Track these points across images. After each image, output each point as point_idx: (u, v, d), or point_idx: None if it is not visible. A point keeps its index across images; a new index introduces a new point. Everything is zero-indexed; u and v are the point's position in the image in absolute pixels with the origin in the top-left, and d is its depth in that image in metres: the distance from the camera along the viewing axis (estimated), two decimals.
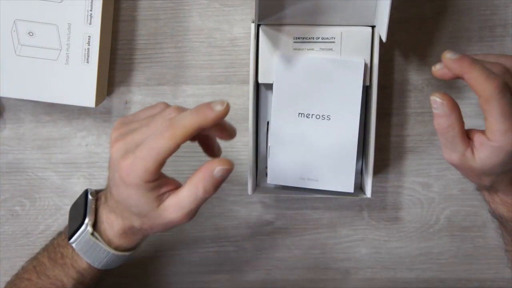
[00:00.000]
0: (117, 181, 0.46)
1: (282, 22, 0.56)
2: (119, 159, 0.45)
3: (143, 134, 0.46)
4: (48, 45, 0.56)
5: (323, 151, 0.56)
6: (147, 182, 0.45)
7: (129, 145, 0.46)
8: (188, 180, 0.47)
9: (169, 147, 0.44)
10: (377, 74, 0.56)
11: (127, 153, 0.45)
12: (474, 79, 0.45)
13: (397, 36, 0.59)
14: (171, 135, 0.44)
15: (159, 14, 0.60)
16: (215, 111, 0.45)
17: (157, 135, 0.44)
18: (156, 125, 0.46)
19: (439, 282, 0.65)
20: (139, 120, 0.48)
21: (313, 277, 0.65)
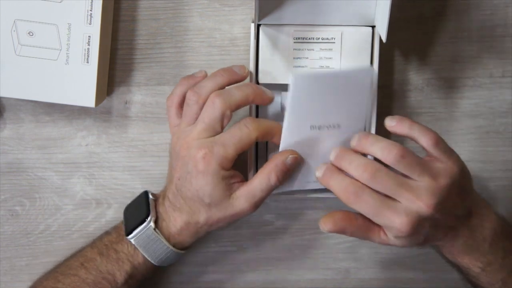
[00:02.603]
0: (192, 173, 0.50)
1: (282, 22, 0.56)
2: (195, 152, 0.50)
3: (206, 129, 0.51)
4: (48, 45, 0.56)
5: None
6: (223, 169, 0.49)
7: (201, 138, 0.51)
8: (260, 170, 0.51)
9: (251, 137, 0.50)
10: (377, 74, 0.56)
11: (202, 144, 0.50)
12: (417, 133, 0.49)
13: (397, 36, 0.59)
14: (256, 126, 0.50)
15: (159, 14, 0.60)
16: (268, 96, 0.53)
17: (242, 125, 0.50)
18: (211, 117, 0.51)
19: (439, 282, 0.65)
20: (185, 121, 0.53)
21: (313, 277, 0.65)
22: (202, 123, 0.51)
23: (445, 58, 0.61)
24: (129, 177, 0.63)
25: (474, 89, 0.61)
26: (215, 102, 0.51)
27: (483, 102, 0.61)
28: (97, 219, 0.64)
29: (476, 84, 0.61)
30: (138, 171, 0.63)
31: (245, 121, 0.51)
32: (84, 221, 0.64)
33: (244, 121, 0.51)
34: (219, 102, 0.51)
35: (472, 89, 0.61)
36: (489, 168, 0.62)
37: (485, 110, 0.62)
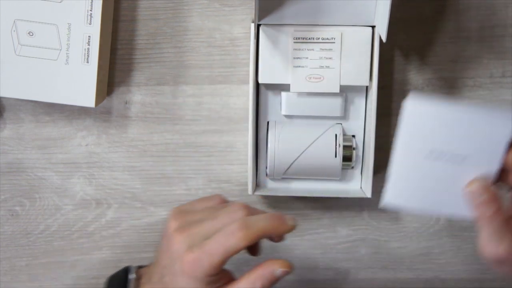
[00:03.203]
0: (177, 271, 0.47)
1: (282, 22, 0.56)
2: (184, 252, 0.46)
3: (209, 228, 0.47)
4: (48, 45, 0.56)
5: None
6: (209, 275, 0.47)
7: (195, 237, 0.47)
8: (247, 274, 0.48)
9: (239, 247, 0.46)
10: (377, 74, 0.56)
11: (192, 246, 0.46)
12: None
13: (397, 36, 0.59)
14: (244, 235, 0.46)
15: (159, 14, 0.60)
16: (288, 225, 0.48)
17: (229, 233, 0.46)
18: (223, 221, 0.47)
19: (439, 282, 0.65)
20: (199, 211, 0.50)
21: (313, 277, 0.65)
22: (211, 221, 0.48)
23: (445, 58, 0.61)
24: (129, 177, 0.63)
25: (474, 89, 0.61)
26: (237, 211, 0.48)
27: (483, 102, 0.61)
28: (97, 219, 0.64)
29: (476, 84, 0.61)
30: (138, 171, 0.63)
31: (232, 228, 0.46)
32: (84, 221, 0.64)
33: (232, 228, 0.46)
34: (241, 213, 0.48)
35: (472, 89, 0.61)
36: None
37: None
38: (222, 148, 0.62)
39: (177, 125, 0.62)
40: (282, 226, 0.48)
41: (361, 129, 0.60)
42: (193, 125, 0.62)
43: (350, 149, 0.58)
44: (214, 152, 0.62)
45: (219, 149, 0.62)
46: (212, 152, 0.62)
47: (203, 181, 0.63)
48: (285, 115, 0.60)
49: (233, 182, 0.63)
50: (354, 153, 0.59)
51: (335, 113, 0.59)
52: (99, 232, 0.64)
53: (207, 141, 0.62)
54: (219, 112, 0.62)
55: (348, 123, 0.60)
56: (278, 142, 0.58)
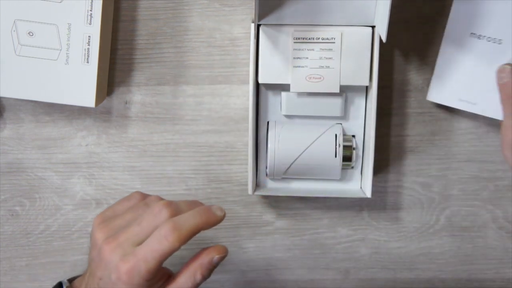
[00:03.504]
0: (115, 282, 0.47)
1: (282, 22, 0.56)
2: (118, 262, 0.46)
3: (137, 233, 0.47)
4: (48, 45, 0.56)
5: (486, 75, 0.57)
6: (147, 280, 0.46)
7: (125, 246, 0.47)
8: (185, 267, 0.49)
9: (173, 249, 0.46)
10: (377, 74, 0.56)
11: (125, 255, 0.46)
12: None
13: (397, 36, 0.59)
14: (177, 237, 0.45)
15: (159, 14, 0.60)
16: (217, 216, 0.48)
17: (161, 237, 0.45)
18: (150, 224, 0.47)
19: (439, 282, 0.65)
20: (122, 215, 0.50)
21: (313, 277, 0.65)
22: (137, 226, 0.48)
23: None
24: (129, 177, 0.63)
25: None
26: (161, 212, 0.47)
27: None
28: None
29: None
30: (138, 171, 0.63)
31: (164, 232, 0.46)
32: (84, 221, 0.64)
33: (163, 232, 0.46)
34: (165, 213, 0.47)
35: None
36: (489, 168, 0.62)
37: None
38: (222, 148, 0.62)
39: (177, 125, 0.62)
40: (212, 219, 0.48)
41: (361, 129, 0.60)
42: (193, 125, 0.62)
43: (350, 149, 0.58)
44: (214, 152, 0.62)
45: (219, 149, 0.62)
46: (212, 152, 0.62)
47: (203, 181, 0.63)
48: (285, 115, 0.60)
49: (233, 182, 0.63)
50: (354, 153, 0.59)
51: (335, 113, 0.59)
52: None
53: (207, 141, 0.62)
54: (219, 112, 0.62)
55: (348, 123, 0.60)
56: (278, 142, 0.58)
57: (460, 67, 0.57)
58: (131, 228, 0.48)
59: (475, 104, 0.58)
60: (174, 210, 0.48)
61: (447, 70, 0.58)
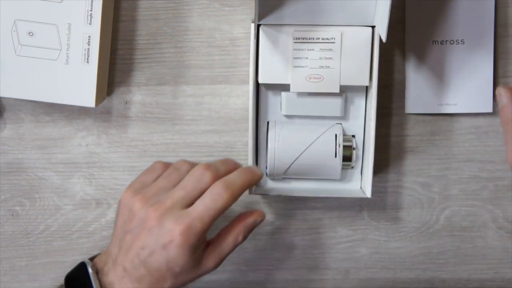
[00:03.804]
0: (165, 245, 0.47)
1: (282, 22, 0.56)
2: (171, 225, 0.47)
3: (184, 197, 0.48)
4: (48, 45, 0.56)
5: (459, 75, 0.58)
6: (200, 241, 0.48)
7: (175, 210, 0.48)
8: (227, 230, 0.52)
9: (227, 206, 0.48)
10: (377, 74, 0.56)
11: (178, 217, 0.47)
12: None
13: (397, 36, 0.59)
14: (230, 194, 0.48)
15: (159, 14, 0.60)
16: (259, 174, 0.51)
17: (215, 196, 0.48)
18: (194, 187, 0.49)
19: (439, 282, 0.65)
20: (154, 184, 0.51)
21: (313, 277, 0.65)
22: (181, 190, 0.49)
23: None
24: (129, 177, 0.63)
25: None
26: (205, 172, 0.49)
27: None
28: (97, 219, 0.64)
29: None
30: (138, 171, 0.63)
31: (217, 190, 0.48)
32: (84, 221, 0.64)
33: (216, 190, 0.48)
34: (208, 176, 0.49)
35: None
36: (489, 168, 0.62)
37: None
38: (222, 148, 0.62)
39: (177, 125, 0.62)
40: (256, 177, 0.51)
41: (361, 129, 0.60)
42: (193, 125, 0.62)
43: (350, 149, 0.58)
44: (214, 152, 0.62)
45: (219, 149, 0.62)
46: (212, 152, 0.62)
47: None
48: (285, 115, 0.60)
49: None
50: (354, 153, 0.59)
51: (335, 113, 0.59)
52: (99, 232, 0.64)
53: (207, 141, 0.62)
54: (219, 112, 0.62)
55: (348, 123, 0.60)
56: (278, 142, 0.58)
57: (431, 74, 0.58)
58: (175, 193, 0.49)
59: (456, 104, 0.59)
60: (215, 171, 0.49)
61: (418, 80, 0.59)
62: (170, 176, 0.51)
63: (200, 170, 0.49)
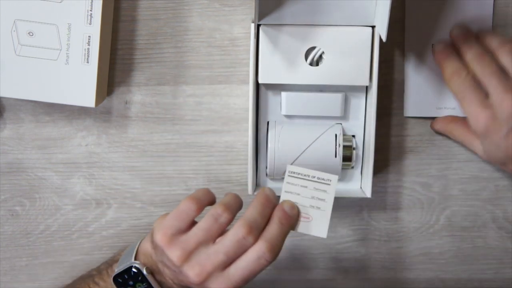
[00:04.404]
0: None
1: (282, 22, 0.56)
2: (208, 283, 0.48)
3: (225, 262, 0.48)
4: (48, 45, 0.56)
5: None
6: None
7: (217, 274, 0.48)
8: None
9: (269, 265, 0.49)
10: (377, 74, 0.56)
11: (223, 282, 0.48)
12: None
13: (397, 36, 0.59)
14: (274, 255, 0.49)
15: (159, 14, 0.60)
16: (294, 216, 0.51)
17: (259, 259, 0.48)
18: (236, 253, 0.48)
19: (439, 282, 0.65)
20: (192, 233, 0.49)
21: (313, 277, 0.65)
22: (223, 255, 0.48)
23: None
24: (129, 177, 0.63)
25: None
26: (248, 237, 0.48)
27: None
28: (97, 219, 0.64)
29: None
30: (138, 171, 0.63)
31: (262, 253, 0.48)
32: (84, 221, 0.64)
33: (262, 253, 0.48)
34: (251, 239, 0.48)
35: None
36: (489, 168, 0.62)
37: None
38: (222, 148, 0.62)
39: (177, 125, 0.62)
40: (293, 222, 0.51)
41: (361, 129, 0.60)
42: (193, 125, 0.62)
43: (350, 149, 0.58)
44: (214, 152, 0.62)
45: (219, 149, 0.62)
46: (212, 152, 0.62)
47: (203, 181, 0.63)
48: (285, 115, 0.60)
49: (233, 182, 0.63)
50: (354, 153, 0.59)
51: (335, 113, 0.59)
52: (99, 232, 0.64)
53: (207, 141, 0.62)
54: (219, 112, 0.62)
55: (348, 123, 0.60)
56: (278, 142, 0.58)
57: (430, 76, 0.58)
58: (217, 257, 0.48)
59: (454, 108, 0.59)
60: (257, 231, 0.49)
61: (418, 82, 0.58)
62: (210, 228, 0.49)
63: (243, 234, 0.48)
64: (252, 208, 0.50)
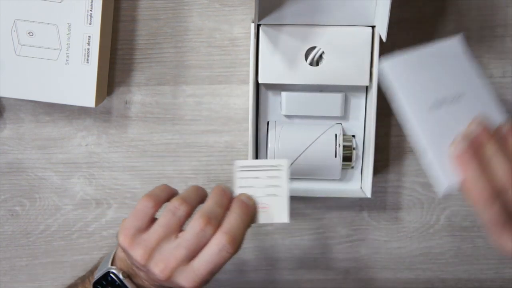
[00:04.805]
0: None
1: (282, 22, 0.56)
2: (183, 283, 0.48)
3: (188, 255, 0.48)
4: (48, 45, 0.56)
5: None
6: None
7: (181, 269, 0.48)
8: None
9: (232, 256, 0.48)
10: (377, 74, 0.56)
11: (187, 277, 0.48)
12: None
13: (397, 36, 0.59)
14: (235, 246, 0.48)
15: (159, 14, 0.60)
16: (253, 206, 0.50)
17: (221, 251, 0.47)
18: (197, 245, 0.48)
19: (439, 282, 0.65)
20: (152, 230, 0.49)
21: (313, 277, 0.65)
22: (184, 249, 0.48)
23: None
24: (129, 177, 0.63)
25: None
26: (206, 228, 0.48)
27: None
28: (97, 219, 0.64)
29: None
30: (138, 171, 0.63)
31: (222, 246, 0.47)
32: (84, 221, 0.64)
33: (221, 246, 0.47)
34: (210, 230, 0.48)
35: None
36: None
37: None
38: (222, 148, 0.62)
39: (177, 125, 0.62)
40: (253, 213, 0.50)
41: (361, 129, 0.60)
42: (193, 125, 0.62)
43: (350, 149, 0.58)
44: (214, 152, 0.62)
45: (219, 149, 0.62)
46: (212, 152, 0.62)
47: (203, 181, 0.63)
48: (285, 115, 0.60)
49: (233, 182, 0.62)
50: (354, 153, 0.59)
51: (335, 113, 0.59)
52: (99, 232, 0.64)
53: (207, 141, 0.62)
54: (219, 112, 0.62)
55: (348, 123, 0.60)
56: (278, 142, 0.58)
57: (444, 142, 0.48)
58: (179, 252, 0.48)
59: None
60: (216, 221, 0.48)
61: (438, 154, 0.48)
62: (168, 223, 0.49)
63: (201, 225, 0.48)
64: (209, 200, 0.50)
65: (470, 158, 0.44)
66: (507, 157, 0.44)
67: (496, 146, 0.44)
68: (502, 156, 0.44)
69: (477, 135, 0.45)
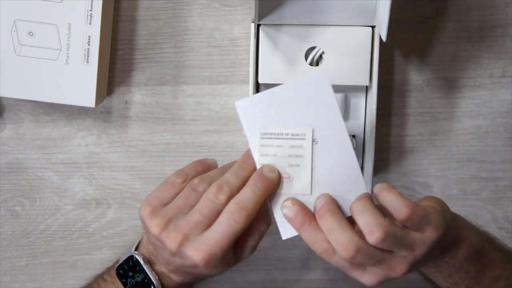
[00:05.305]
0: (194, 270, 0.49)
1: (282, 22, 0.56)
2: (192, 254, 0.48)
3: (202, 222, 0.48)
4: (48, 45, 0.56)
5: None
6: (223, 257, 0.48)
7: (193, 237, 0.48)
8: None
9: (243, 228, 0.48)
10: (377, 74, 0.56)
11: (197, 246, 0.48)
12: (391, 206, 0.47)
13: (397, 36, 0.59)
14: (245, 217, 0.47)
15: (159, 14, 0.60)
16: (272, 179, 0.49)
17: (230, 221, 0.47)
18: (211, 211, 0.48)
19: None
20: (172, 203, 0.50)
21: (313, 277, 0.65)
22: (198, 214, 0.48)
23: (445, 58, 0.61)
24: (129, 177, 0.63)
25: (474, 89, 0.61)
26: (219, 194, 0.48)
27: (483, 102, 0.61)
28: (97, 219, 0.64)
29: (476, 84, 0.61)
30: (138, 171, 0.63)
31: (232, 215, 0.47)
32: (84, 221, 0.64)
33: (231, 215, 0.47)
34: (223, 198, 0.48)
35: (472, 89, 0.61)
36: (489, 168, 0.62)
37: (485, 110, 0.62)
38: (222, 148, 0.62)
39: (177, 125, 0.62)
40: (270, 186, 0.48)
41: (361, 129, 0.60)
42: (193, 125, 0.62)
43: None
44: (214, 152, 0.62)
45: (219, 149, 0.62)
46: (212, 152, 0.62)
47: None
48: None
49: None
50: None
51: None
52: (99, 232, 0.64)
53: (207, 141, 0.62)
54: (219, 112, 0.62)
55: (348, 123, 0.60)
56: None
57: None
58: (192, 217, 0.48)
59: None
60: (229, 191, 0.48)
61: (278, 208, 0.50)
62: (188, 197, 0.49)
63: (214, 192, 0.48)
64: (228, 171, 0.50)
65: (301, 221, 0.48)
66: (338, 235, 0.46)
67: (329, 226, 0.47)
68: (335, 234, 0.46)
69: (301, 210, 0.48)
